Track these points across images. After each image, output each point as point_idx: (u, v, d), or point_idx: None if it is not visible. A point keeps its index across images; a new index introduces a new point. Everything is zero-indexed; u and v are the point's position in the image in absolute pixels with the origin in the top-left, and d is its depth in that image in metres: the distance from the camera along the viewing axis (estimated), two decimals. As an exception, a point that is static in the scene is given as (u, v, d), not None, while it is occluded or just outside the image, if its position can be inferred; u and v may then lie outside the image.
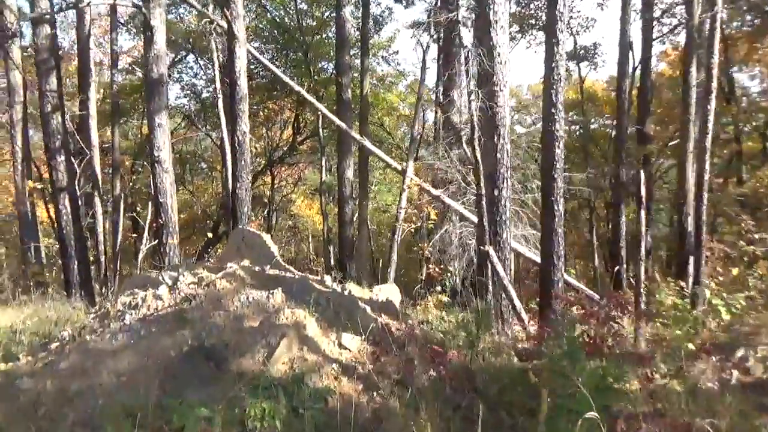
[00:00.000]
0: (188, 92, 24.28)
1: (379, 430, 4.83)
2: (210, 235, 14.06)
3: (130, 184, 20.60)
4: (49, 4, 13.16)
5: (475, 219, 11.33)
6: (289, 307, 6.47)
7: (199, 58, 23.60)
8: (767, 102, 21.22)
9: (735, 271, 10.95)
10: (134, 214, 18.53)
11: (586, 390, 3.62)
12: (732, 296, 8.84)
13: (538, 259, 11.20)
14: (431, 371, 5.61)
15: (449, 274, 9.90)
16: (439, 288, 8.80)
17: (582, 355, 4.25)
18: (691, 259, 11.82)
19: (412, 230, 10.51)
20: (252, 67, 23.94)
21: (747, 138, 22.72)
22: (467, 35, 7.94)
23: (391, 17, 25.88)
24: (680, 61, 23.20)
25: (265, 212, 27.42)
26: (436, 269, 9.22)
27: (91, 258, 13.41)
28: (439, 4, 12.77)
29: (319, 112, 14.58)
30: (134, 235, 17.19)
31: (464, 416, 4.79)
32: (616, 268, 14.02)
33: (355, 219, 16.48)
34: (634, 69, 17.27)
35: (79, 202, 13.34)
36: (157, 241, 10.85)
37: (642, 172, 7.47)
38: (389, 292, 8.41)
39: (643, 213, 7.42)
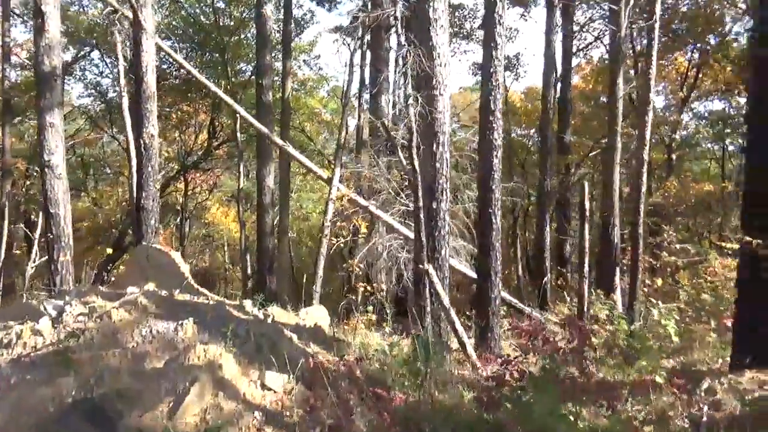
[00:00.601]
0: (92, 91, 22.17)
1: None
2: (110, 250, 12.28)
3: (23, 189, 18.39)
4: None
5: (405, 231, 10.58)
6: (203, 341, 5.40)
7: (104, 55, 21.62)
8: (673, 116, 21.88)
9: (659, 281, 10.79)
10: (23, 225, 16.43)
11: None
12: (666, 310, 8.55)
13: (472, 274, 10.61)
14: (371, 416, 4.72)
15: (382, 293, 9.07)
16: (370, 308, 7.95)
17: (559, 405, 3.53)
18: (618, 271, 11.63)
19: (341, 245, 9.61)
20: (164, 66, 22.27)
21: (653, 149, 23.45)
22: (403, 35, 7.18)
23: (313, 20, 24.88)
24: (594, 76, 23.71)
25: (178, 220, 25.60)
26: (367, 287, 8.37)
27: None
28: (369, 5, 11.95)
29: (238, 115, 13.37)
30: (20, 249, 15.21)
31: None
32: (545, 279, 13.70)
33: (275, 229, 15.36)
34: (556, 81, 17.21)
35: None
36: (47, 257, 9.35)
37: (586, 184, 6.96)
38: (317, 315, 7.48)
39: (586, 226, 6.90)
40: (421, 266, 6.80)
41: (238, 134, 18.11)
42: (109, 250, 8.43)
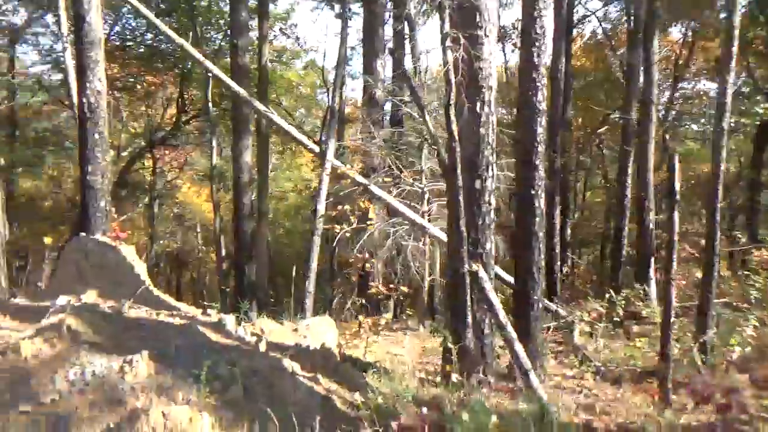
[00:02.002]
0: (47, 59, 19.43)
1: None
2: (48, 240, 9.58)
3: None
4: None
5: (412, 215, 8.65)
6: (164, 389, 3.41)
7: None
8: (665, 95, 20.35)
9: (700, 273, 9.10)
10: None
11: None
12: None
13: (506, 276, 8.64)
14: None
15: (398, 293, 7.12)
16: (389, 315, 6.06)
17: None
18: (652, 261, 9.95)
19: (346, 233, 7.66)
20: (127, 32, 19.73)
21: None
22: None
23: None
24: (587, 53, 22.02)
25: (147, 200, 23.13)
26: (379, 287, 6.47)
27: None
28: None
29: (209, 82, 11.09)
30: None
31: None
32: (556, 266, 11.96)
33: (253, 210, 13.25)
34: (566, 48, 15.32)
35: None
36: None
37: (676, 158, 5.13)
38: (321, 329, 5.54)
39: (677, 213, 5.08)
40: (466, 267, 4.89)
41: (210, 106, 15.80)
42: (47, 240, 6.31)
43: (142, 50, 20.08)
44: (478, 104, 5.30)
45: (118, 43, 19.68)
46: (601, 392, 5.99)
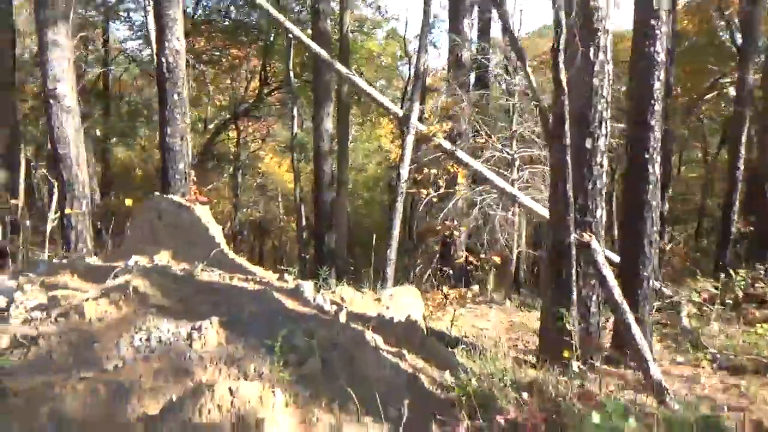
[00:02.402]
0: (138, 33, 19.86)
1: None
2: (129, 201, 9.61)
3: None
4: None
5: (501, 183, 7.93)
6: (234, 360, 3.01)
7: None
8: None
9: None
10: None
11: None
12: None
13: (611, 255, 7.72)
14: None
15: (490, 263, 6.51)
16: (476, 287, 5.47)
17: None
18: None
19: (433, 198, 7.13)
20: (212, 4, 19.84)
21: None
22: None
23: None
24: (689, 15, 19.99)
25: (231, 170, 23.53)
26: (470, 257, 5.89)
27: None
28: None
29: (290, 35, 10.44)
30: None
31: None
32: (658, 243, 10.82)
33: (333, 179, 12.91)
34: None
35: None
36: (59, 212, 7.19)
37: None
38: (405, 300, 5.02)
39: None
40: (573, 237, 4.20)
41: (291, 76, 15.52)
42: (128, 202, 6.28)
43: (226, 23, 20.20)
44: (592, 50, 4.52)
45: (203, 18, 19.89)
46: (722, 384, 5.16)
